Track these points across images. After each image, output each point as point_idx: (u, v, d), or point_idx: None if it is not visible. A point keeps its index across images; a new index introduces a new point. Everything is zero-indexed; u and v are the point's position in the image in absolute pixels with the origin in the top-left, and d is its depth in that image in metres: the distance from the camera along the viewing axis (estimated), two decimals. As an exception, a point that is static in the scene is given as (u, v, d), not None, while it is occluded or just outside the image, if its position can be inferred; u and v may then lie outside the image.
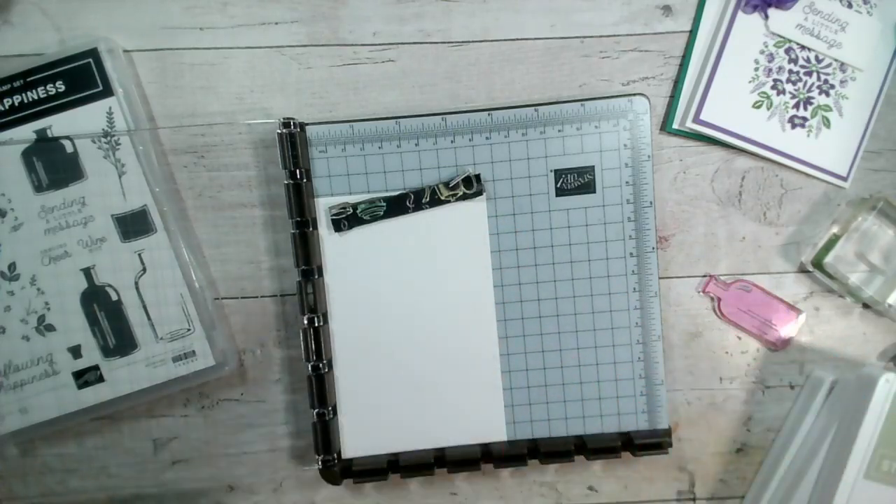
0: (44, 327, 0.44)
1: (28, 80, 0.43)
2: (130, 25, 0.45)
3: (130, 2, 0.45)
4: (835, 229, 0.47)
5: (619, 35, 0.47)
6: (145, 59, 0.46)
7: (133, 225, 0.44)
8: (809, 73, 0.47)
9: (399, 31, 0.46)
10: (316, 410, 0.44)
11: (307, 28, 0.46)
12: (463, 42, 0.47)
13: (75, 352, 0.44)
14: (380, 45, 0.46)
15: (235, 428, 0.47)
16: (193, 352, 0.45)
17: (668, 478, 0.49)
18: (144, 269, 0.44)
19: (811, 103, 0.47)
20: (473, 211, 0.45)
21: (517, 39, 0.47)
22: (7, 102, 0.43)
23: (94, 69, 0.43)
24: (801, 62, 0.47)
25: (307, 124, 0.44)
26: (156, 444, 0.47)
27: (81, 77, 0.43)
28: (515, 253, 0.45)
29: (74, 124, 0.44)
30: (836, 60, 0.47)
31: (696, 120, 0.46)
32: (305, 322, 0.44)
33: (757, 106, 0.46)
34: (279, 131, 0.43)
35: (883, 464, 0.40)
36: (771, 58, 0.46)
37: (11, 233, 0.44)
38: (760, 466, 0.48)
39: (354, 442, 0.46)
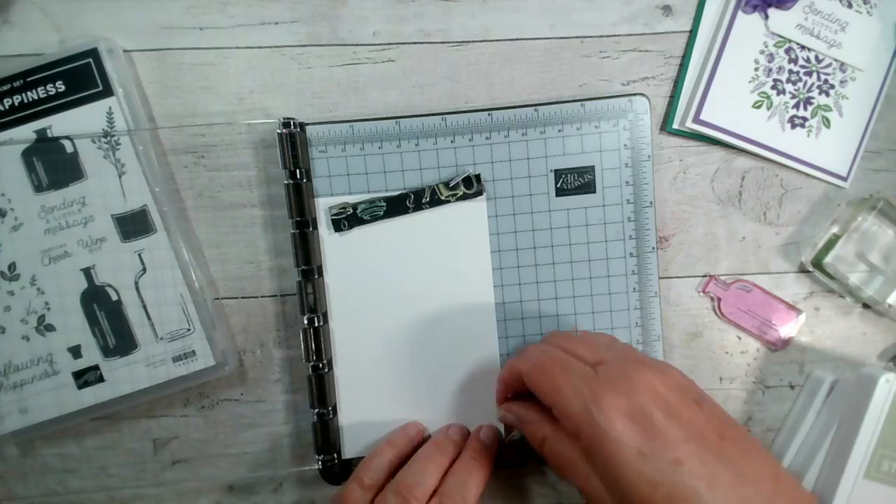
0: (44, 327, 0.44)
1: (28, 80, 0.43)
2: (130, 25, 0.45)
3: (130, 2, 0.45)
4: (835, 229, 0.47)
5: (619, 35, 0.47)
6: (145, 59, 0.46)
7: (133, 225, 0.44)
8: (809, 73, 0.47)
9: (399, 31, 0.46)
10: (316, 410, 0.44)
11: (307, 28, 0.46)
12: (463, 42, 0.47)
13: (75, 352, 0.44)
14: (380, 45, 0.46)
15: (235, 428, 0.47)
16: (193, 352, 0.45)
17: (668, 478, 0.49)
18: (144, 269, 0.44)
19: (811, 103, 0.47)
20: (473, 211, 0.45)
21: (517, 39, 0.47)
22: (7, 102, 0.43)
23: (94, 69, 0.43)
24: (801, 62, 0.47)
25: (307, 124, 0.44)
26: (156, 444, 0.47)
27: (81, 77, 0.43)
28: (515, 253, 0.45)
29: (74, 124, 0.44)
30: (836, 60, 0.47)
31: (696, 120, 0.46)
32: (305, 322, 0.44)
33: (757, 106, 0.46)
34: (279, 131, 0.43)
35: (883, 464, 0.40)
36: (771, 58, 0.46)
37: (11, 233, 0.44)
38: (760, 466, 0.48)
39: (354, 442, 0.46)
